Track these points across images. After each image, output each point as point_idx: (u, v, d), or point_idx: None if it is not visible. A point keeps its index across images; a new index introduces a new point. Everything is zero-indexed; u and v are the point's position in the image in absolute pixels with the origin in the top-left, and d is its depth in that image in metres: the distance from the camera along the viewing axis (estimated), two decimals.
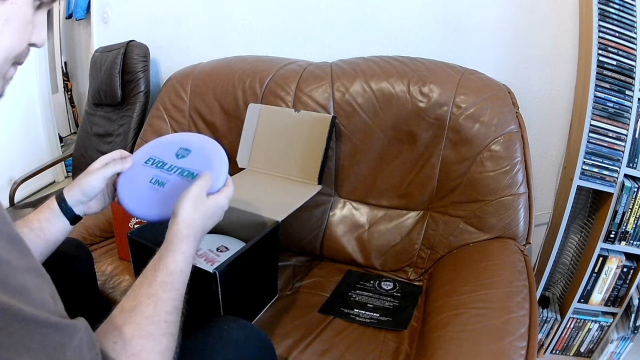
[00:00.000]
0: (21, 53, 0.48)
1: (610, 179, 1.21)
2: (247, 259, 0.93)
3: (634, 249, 1.26)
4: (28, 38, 0.48)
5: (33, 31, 0.48)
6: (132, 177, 0.76)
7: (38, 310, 0.37)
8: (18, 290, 0.37)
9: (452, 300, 0.93)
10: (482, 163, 1.14)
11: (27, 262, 0.40)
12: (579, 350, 1.44)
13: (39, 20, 0.49)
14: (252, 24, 1.59)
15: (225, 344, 0.67)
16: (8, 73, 0.48)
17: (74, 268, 0.88)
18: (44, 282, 0.41)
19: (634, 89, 1.16)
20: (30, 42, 0.49)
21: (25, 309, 0.36)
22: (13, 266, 0.37)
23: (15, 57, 0.47)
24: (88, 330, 0.42)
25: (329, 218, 1.30)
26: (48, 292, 0.41)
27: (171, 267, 0.57)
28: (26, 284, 0.38)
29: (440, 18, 1.34)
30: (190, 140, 0.79)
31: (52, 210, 0.71)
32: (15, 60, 0.48)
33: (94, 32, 1.92)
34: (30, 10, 0.47)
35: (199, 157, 0.76)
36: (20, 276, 0.38)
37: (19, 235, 0.40)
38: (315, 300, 1.11)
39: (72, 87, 3.43)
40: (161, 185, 0.74)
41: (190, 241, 0.62)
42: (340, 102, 1.26)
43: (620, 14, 1.14)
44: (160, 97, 1.54)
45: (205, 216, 0.65)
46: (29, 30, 0.48)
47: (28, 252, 0.41)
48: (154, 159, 0.78)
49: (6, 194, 1.76)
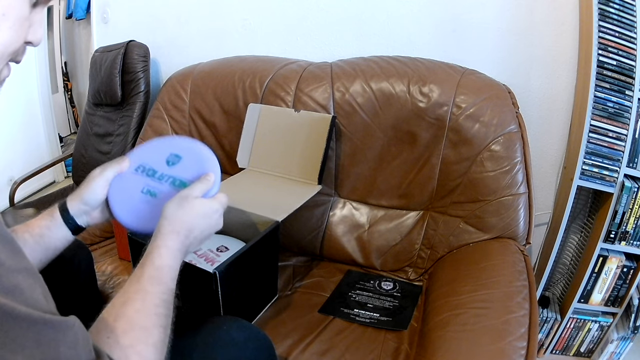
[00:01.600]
0: (17, 51, 0.47)
1: (610, 179, 1.21)
2: (247, 259, 0.93)
3: (634, 249, 1.26)
4: (24, 35, 0.47)
5: (30, 29, 0.48)
6: (123, 187, 0.73)
7: (31, 309, 0.37)
8: (11, 290, 0.37)
9: (452, 300, 0.93)
10: (482, 163, 1.14)
11: (19, 262, 0.40)
12: (579, 350, 1.44)
13: (37, 18, 0.48)
14: (252, 24, 1.59)
15: (224, 344, 0.67)
16: (2, 72, 0.47)
17: (74, 268, 0.87)
18: (36, 282, 0.41)
19: (634, 89, 1.16)
20: (27, 40, 0.48)
21: (19, 308, 0.36)
22: (6, 266, 0.38)
23: (11, 54, 0.46)
24: (81, 327, 0.42)
25: (329, 218, 1.30)
26: (40, 291, 0.41)
27: (157, 262, 0.57)
28: (19, 283, 0.38)
29: (440, 18, 1.34)
30: (181, 145, 0.76)
31: (54, 219, 0.70)
32: (11, 58, 0.47)
33: (94, 32, 1.92)
34: (26, 6, 0.46)
35: (190, 164, 0.73)
36: (13, 276, 0.38)
37: (10, 235, 0.41)
38: (315, 300, 1.11)
39: (72, 87, 3.43)
40: (153, 195, 0.72)
41: (175, 236, 0.61)
42: (340, 102, 1.26)
43: (620, 14, 1.14)
44: (160, 97, 1.54)
45: (192, 214, 0.64)
46: (25, 27, 0.47)
47: (20, 252, 0.41)
48: (144, 166, 0.75)
49: (6, 194, 1.76)
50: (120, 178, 0.74)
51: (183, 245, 0.62)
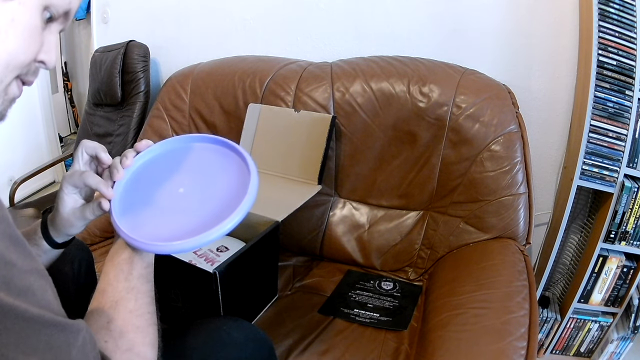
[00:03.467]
0: (27, 67, 0.46)
1: (610, 179, 1.21)
2: (247, 259, 0.93)
3: (634, 249, 1.26)
4: (36, 51, 0.46)
5: (42, 47, 0.46)
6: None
7: (43, 311, 0.37)
8: (23, 291, 0.37)
9: (452, 300, 0.93)
10: (482, 163, 1.14)
11: (30, 264, 0.39)
12: (579, 350, 1.44)
13: (50, 38, 0.47)
14: (252, 24, 1.59)
15: (224, 344, 0.67)
16: (10, 88, 0.45)
17: (75, 268, 0.87)
18: (47, 283, 0.41)
19: (634, 89, 1.16)
20: (39, 59, 0.47)
21: (31, 309, 0.36)
22: (18, 267, 0.37)
23: (20, 68, 0.45)
24: (89, 331, 0.43)
25: (329, 218, 1.30)
26: (51, 293, 0.41)
27: (147, 260, 0.57)
28: (31, 285, 0.38)
29: (440, 18, 1.34)
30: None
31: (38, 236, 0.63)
32: (20, 74, 0.46)
33: (94, 32, 1.92)
34: (37, 16, 0.45)
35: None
36: (25, 277, 0.38)
37: (21, 237, 0.40)
38: (315, 300, 1.11)
39: (72, 87, 3.43)
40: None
41: None
42: (340, 102, 1.26)
43: (620, 14, 1.14)
44: (160, 97, 1.54)
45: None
46: (36, 42, 0.45)
47: (30, 253, 0.41)
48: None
49: (6, 194, 1.76)
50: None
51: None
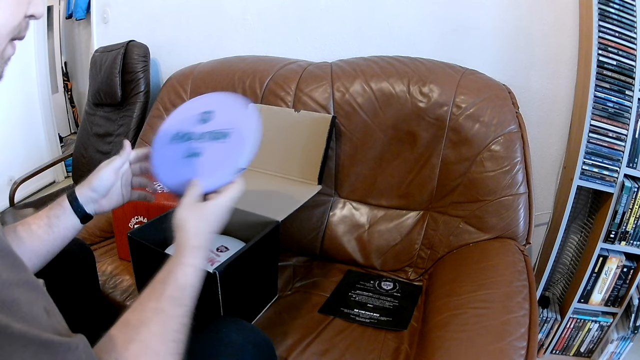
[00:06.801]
0: (19, 27, 0.46)
1: (610, 179, 1.21)
2: (247, 259, 0.93)
3: (634, 249, 1.26)
4: (24, 10, 0.46)
5: (30, 3, 0.46)
6: (165, 161, 0.72)
7: (28, 327, 0.35)
8: (6, 305, 0.35)
9: (452, 300, 0.93)
10: (482, 163, 1.14)
11: (18, 275, 0.37)
12: (579, 350, 1.44)
13: None
14: (252, 24, 1.59)
15: (224, 345, 0.66)
16: (6, 51, 0.46)
17: (76, 267, 0.88)
18: (38, 295, 0.39)
19: (634, 89, 1.16)
20: (28, 14, 0.47)
21: (14, 325, 0.34)
22: (2, 279, 0.36)
23: (12, 32, 0.45)
24: (86, 349, 0.40)
25: (329, 218, 1.30)
26: (42, 305, 0.39)
27: (181, 281, 0.55)
28: (16, 298, 0.36)
29: (440, 18, 1.34)
30: (207, 101, 0.75)
31: (63, 207, 0.70)
32: (14, 36, 0.46)
33: (94, 32, 1.93)
34: None
35: (225, 113, 0.71)
36: (9, 290, 0.36)
37: (10, 247, 0.39)
38: (315, 300, 1.11)
39: (72, 87, 3.43)
40: (196, 156, 0.70)
41: (201, 252, 0.60)
42: (340, 102, 1.26)
43: (620, 14, 1.14)
44: (160, 97, 1.54)
45: (208, 221, 0.62)
46: (24, 2, 0.46)
47: (20, 264, 0.39)
48: (178, 134, 0.73)
49: (6, 194, 1.76)
50: (159, 155, 0.73)
51: (205, 259, 0.61)
